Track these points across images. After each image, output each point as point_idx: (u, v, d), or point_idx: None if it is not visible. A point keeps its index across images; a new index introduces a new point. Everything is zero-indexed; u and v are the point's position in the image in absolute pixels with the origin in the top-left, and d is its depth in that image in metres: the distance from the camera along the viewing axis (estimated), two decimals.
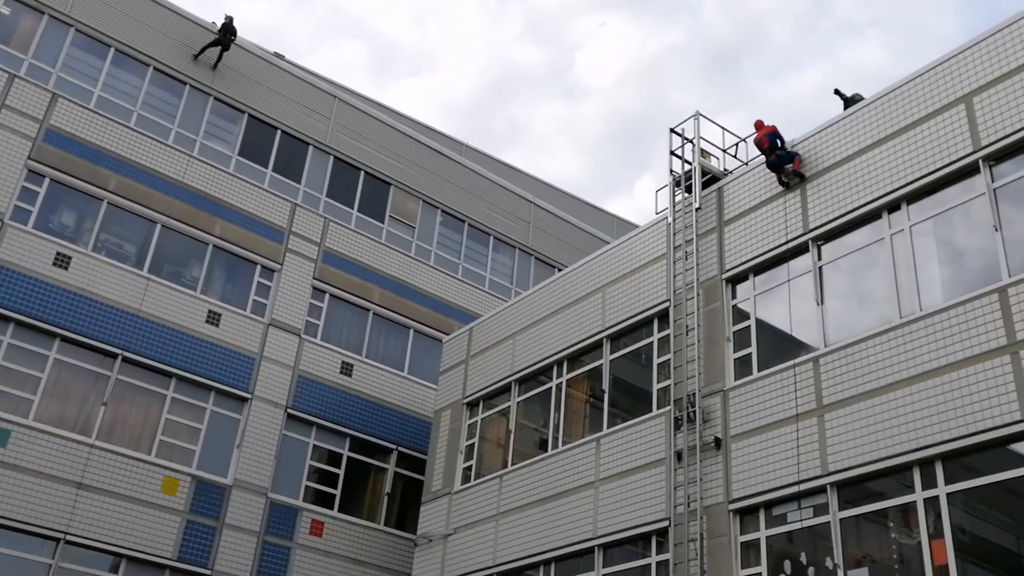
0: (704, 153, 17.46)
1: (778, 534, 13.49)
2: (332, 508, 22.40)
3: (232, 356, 21.92)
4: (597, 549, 15.94)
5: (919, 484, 11.98)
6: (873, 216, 14.07)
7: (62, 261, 20.18)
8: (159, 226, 22.01)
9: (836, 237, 14.56)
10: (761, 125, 15.74)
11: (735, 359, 15.19)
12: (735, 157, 17.64)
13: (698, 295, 15.99)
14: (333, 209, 25.42)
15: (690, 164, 17.34)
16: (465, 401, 20.67)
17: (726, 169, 17.46)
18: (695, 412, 14.93)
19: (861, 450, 12.63)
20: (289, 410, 22.41)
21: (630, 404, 17.20)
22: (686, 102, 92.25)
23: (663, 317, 16.78)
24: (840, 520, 12.70)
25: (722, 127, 17.82)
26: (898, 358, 12.68)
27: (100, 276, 20.62)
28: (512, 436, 19.25)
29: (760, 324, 15.23)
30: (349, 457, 23.19)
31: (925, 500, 11.86)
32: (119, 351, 20.32)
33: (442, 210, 27.87)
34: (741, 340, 15.29)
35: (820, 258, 14.66)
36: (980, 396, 11.60)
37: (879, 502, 12.54)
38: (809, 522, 13.10)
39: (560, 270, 24.64)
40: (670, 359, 16.01)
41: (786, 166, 15.26)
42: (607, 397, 17.40)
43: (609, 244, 19.08)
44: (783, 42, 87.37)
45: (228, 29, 24.12)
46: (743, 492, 13.94)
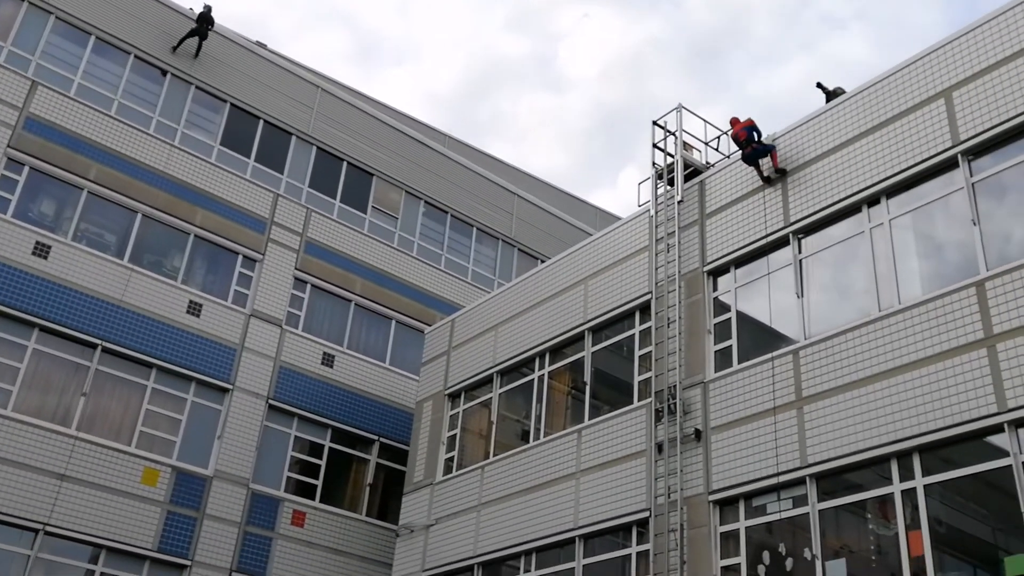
0: (686, 146, 17.51)
1: (757, 525, 13.59)
2: (314, 499, 22.39)
3: (213, 347, 21.84)
4: (578, 539, 16.00)
5: (897, 476, 12.09)
6: (853, 210, 14.16)
7: (41, 250, 20.04)
8: (140, 215, 21.88)
9: (816, 230, 14.64)
10: (736, 122, 15.75)
11: (716, 351, 15.26)
12: (717, 150, 17.71)
13: (680, 287, 16.05)
14: (316, 199, 25.34)
15: (672, 157, 17.38)
16: (447, 392, 20.68)
17: (708, 162, 17.52)
18: (676, 404, 15.00)
19: (840, 442, 12.72)
20: (271, 401, 22.37)
21: (611, 396, 17.26)
22: (669, 94, 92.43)
23: (645, 309, 16.84)
24: (819, 511, 12.80)
25: (704, 120, 17.90)
26: (877, 351, 12.78)
27: (80, 266, 20.48)
28: (494, 427, 19.29)
29: (741, 316, 15.31)
30: (331, 448, 23.17)
31: (903, 492, 11.97)
32: (99, 341, 20.21)
33: (425, 201, 27.83)
34: (722, 332, 15.37)
35: (801, 251, 14.74)
36: (957, 389, 11.71)
37: (857, 494, 12.65)
38: (788, 513, 13.20)
39: (543, 262, 24.66)
40: (651, 351, 16.07)
41: (760, 159, 15.30)
42: (588, 389, 17.45)
43: (592, 236, 19.12)
44: (766, 34, 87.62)
45: (205, 19, 23.89)
46: (723, 483, 14.03)
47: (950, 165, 13.09)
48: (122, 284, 20.93)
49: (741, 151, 15.48)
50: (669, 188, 17.21)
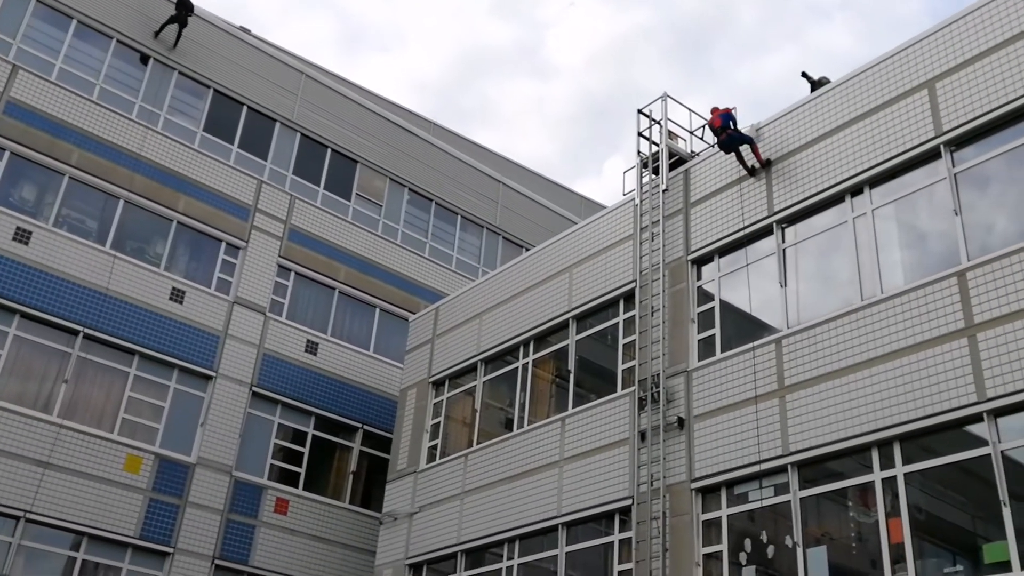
0: (671, 135, 17.51)
1: (739, 513, 13.67)
2: (297, 486, 22.37)
3: (196, 334, 21.75)
4: (561, 527, 16.06)
5: (877, 464, 12.18)
6: (837, 199, 14.21)
7: (22, 236, 19.87)
8: (122, 202, 21.72)
9: (800, 220, 14.70)
10: (717, 111, 15.77)
11: (699, 340, 15.32)
12: (702, 139, 17.71)
13: (664, 276, 16.08)
14: (299, 187, 25.22)
15: (658, 146, 17.39)
16: (431, 380, 20.68)
17: (693, 151, 17.53)
18: (659, 392, 15.05)
19: (821, 431, 12.80)
20: (254, 388, 22.31)
21: (595, 384, 17.30)
22: (655, 83, 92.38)
23: (629, 298, 16.87)
24: (800, 499, 12.89)
25: (689, 109, 17.89)
26: (859, 340, 12.85)
27: (61, 252, 20.34)
28: (478, 415, 19.31)
29: (724, 305, 15.36)
30: (314, 435, 23.15)
31: (883, 480, 12.07)
32: (81, 328, 20.09)
33: (409, 188, 27.75)
34: (705, 321, 15.42)
35: (784, 240, 14.79)
36: (938, 378, 11.80)
37: (838, 482, 12.74)
38: (770, 501, 13.28)
39: (528, 250, 24.65)
40: (635, 340, 16.11)
41: (741, 148, 15.30)
42: (572, 377, 17.49)
43: (577, 225, 19.12)
44: (752, 24, 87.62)
45: (184, 5, 23.61)
46: (705, 471, 14.10)
47: (933, 155, 13.15)
48: (104, 271, 20.79)
49: (717, 138, 15.51)
50: (654, 177, 17.22)
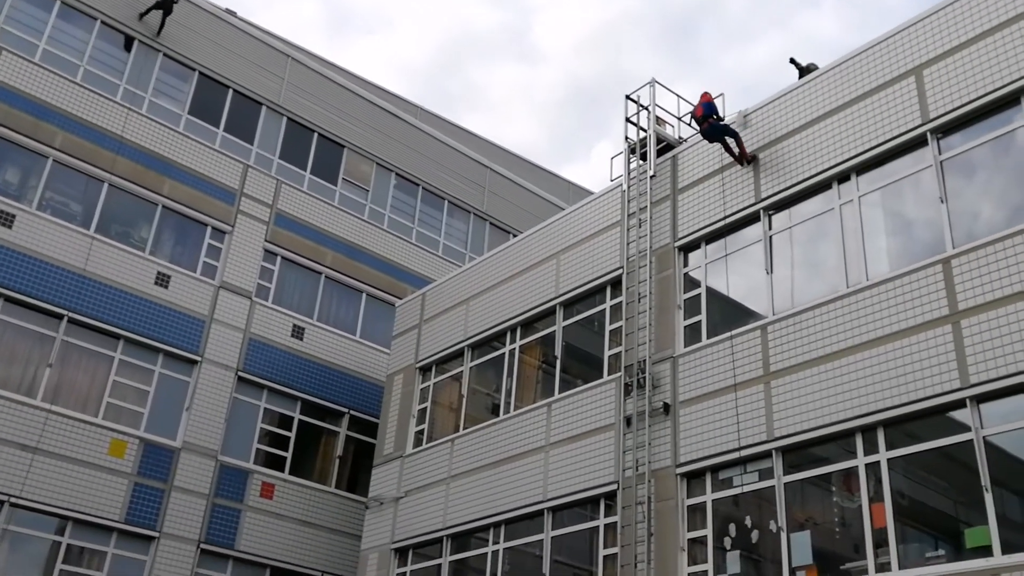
0: (659, 120, 17.50)
1: (724, 498, 13.74)
2: (283, 471, 22.36)
3: (181, 318, 21.66)
4: (547, 512, 16.11)
5: (861, 450, 12.26)
6: (823, 186, 14.24)
7: (5, 219, 19.71)
8: (106, 185, 21.57)
9: (787, 207, 14.73)
10: (706, 97, 15.72)
11: (685, 326, 15.35)
12: (690, 125, 17.68)
13: (651, 263, 16.10)
14: (286, 171, 25.10)
15: (645, 132, 17.37)
16: (418, 366, 20.67)
17: (681, 137, 17.52)
18: (645, 378, 15.09)
19: (806, 416, 12.87)
20: (240, 373, 22.25)
21: (582, 370, 17.33)
22: (643, 69, 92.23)
23: (616, 284, 16.89)
24: (784, 484, 12.96)
25: (677, 95, 17.86)
26: (844, 327, 12.91)
27: (45, 235, 20.19)
28: (464, 401, 19.32)
29: (711, 292, 15.40)
30: (300, 420, 23.12)
31: (867, 465, 12.15)
32: (65, 312, 19.97)
33: (396, 173, 27.65)
34: (692, 308, 15.45)
35: (771, 227, 14.82)
36: (922, 365, 11.87)
37: (822, 467, 12.82)
38: (754, 486, 13.36)
39: (515, 236, 24.63)
40: (622, 326, 16.13)
41: (724, 137, 15.24)
42: (559, 363, 17.51)
43: (564, 211, 19.11)
44: (740, 10, 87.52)
45: None
46: (690, 456, 14.16)
47: (919, 143, 13.19)
48: (89, 254, 20.64)
49: (699, 128, 15.46)
50: (642, 163, 17.22)
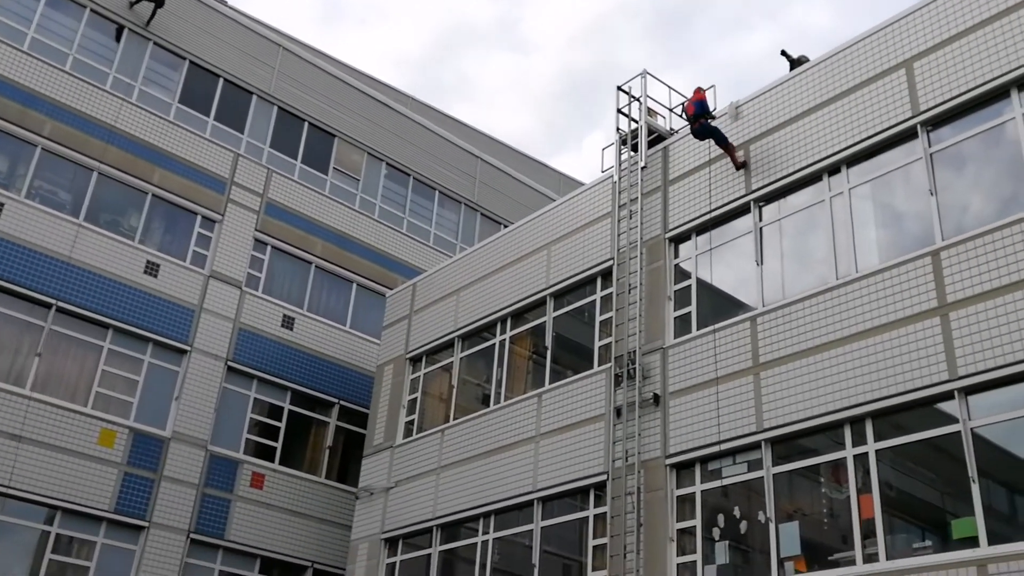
0: (651, 112, 17.48)
1: (713, 488, 13.79)
2: (273, 461, 22.34)
3: (171, 308, 21.59)
4: (536, 502, 16.15)
5: (849, 441, 12.31)
6: (814, 178, 14.27)
7: None
8: (96, 173, 21.46)
9: (777, 199, 14.75)
10: (700, 92, 15.69)
11: (675, 317, 15.38)
12: (681, 116, 17.69)
13: (641, 254, 16.11)
14: (276, 160, 25.01)
15: (637, 123, 17.36)
16: (408, 356, 20.67)
17: (672, 128, 17.52)
18: (635, 369, 15.12)
19: (795, 408, 12.91)
20: (229, 363, 22.21)
21: (572, 361, 17.35)
22: (635, 60, 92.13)
23: (606, 275, 16.90)
24: (773, 475, 13.01)
25: (669, 86, 17.86)
26: (833, 318, 12.95)
27: (34, 223, 20.08)
28: (455, 391, 19.33)
29: (701, 283, 15.42)
30: (290, 410, 23.10)
31: (855, 456, 12.20)
32: (53, 301, 19.88)
33: (387, 163, 27.59)
34: (682, 299, 15.48)
35: (761, 219, 14.84)
36: (911, 356, 11.91)
37: (811, 458, 12.87)
38: (743, 477, 13.41)
39: (506, 226, 24.62)
40: (612, 317, 16.15)
41: (716, 138, 15.22)
42: (549, 354, 17.53)
43: (555, 202, 19.10)
44: (733, 2, 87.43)
45: None
46: (680, 447, 14.20)
47: (910, 135, 13.21)
48: (78, 243, 20.56)
49: (690, 126, 15.44)
50: (633, 154, 17.21)
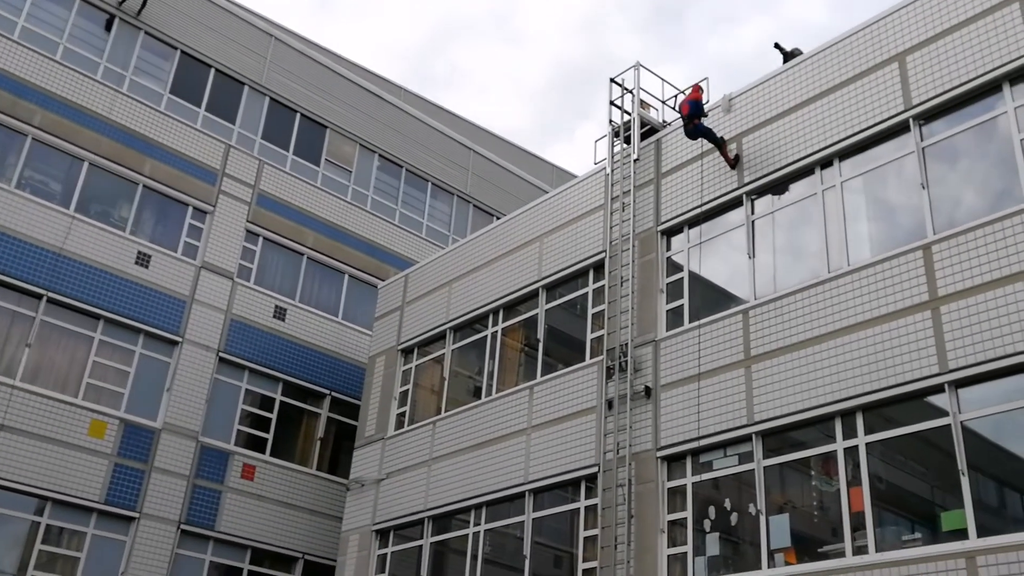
0: (643, 104, 17.47)
1: (704, 481, 13.82)
2: (264, 452, 22.32)
3: (162, 299, 21.53)
4: (528, 494, 16.16)
5: (840, 434, 12.35)
6: (806, 172, 14.27)
7: None
8: (86, 164, 21.36)
9: (769, 192, 14.76)
10: (697, 89, 15.65)
11: (667, 310, 15.39)
12: (674, 109, 17.68)
13: (633, 247, 16.11)
14: (268, 151, 24.93)
15: (630, 115, 17.34)
16: (400, 348, 20.65)
17: (665, 121, 17.51)
18: (627, 362, 15.13)
19: (786, 400, 12.94)
20: (221, 354, 22.16)
21: (564, 353, 17.35)
22: (629, 52, 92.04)
23: (599, 268, 16.89)
24: (764, 468, 13.05)
25: (662, 78, 17.84)
26: (825, 312, 12.97)
27: (24, 214, 19.99)
28: (446, 383, 19.32)
29: (693, 276, 15.43)
30: (282, 402, 23.07)
31: (845, 449, 12.24)
32: (44, 292, 19.80)
33: (379, 155, 27.52)
34: (674, 292, 15.49)
35: (753, 212, 14.85)
36: (901, 350, 11.95)
37: (802, 451, 12.91)
38: (734, 470, 13.44)
39: (498, 218, 24.59)
40: (604, 309, 16.15)
41: (702, 137, 15.20)
42: (541, 346, 17.53)
43: (548, 194, 19.08)
44: None
45: None
46: (671, 440, 14.22)
47: (902, 129, 13.23)
48: (68, 233, 20.47)
49: (683, 125, 15.41)
50: (625, 146, 17.20)
